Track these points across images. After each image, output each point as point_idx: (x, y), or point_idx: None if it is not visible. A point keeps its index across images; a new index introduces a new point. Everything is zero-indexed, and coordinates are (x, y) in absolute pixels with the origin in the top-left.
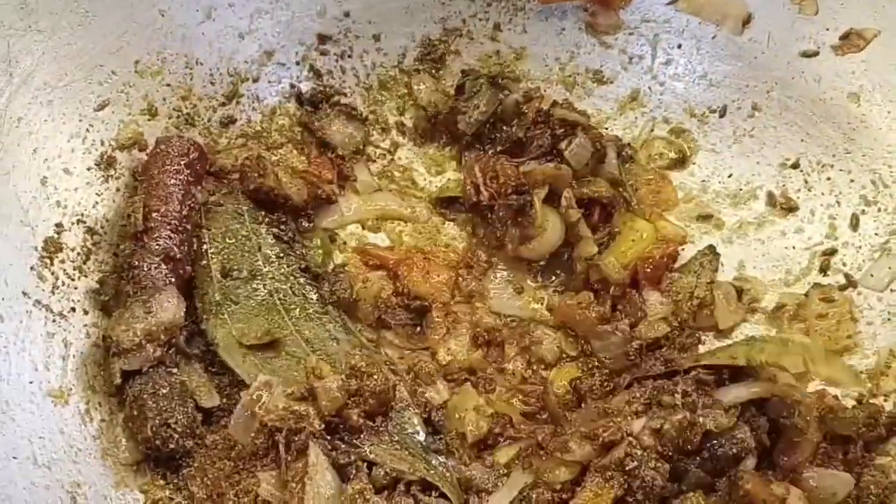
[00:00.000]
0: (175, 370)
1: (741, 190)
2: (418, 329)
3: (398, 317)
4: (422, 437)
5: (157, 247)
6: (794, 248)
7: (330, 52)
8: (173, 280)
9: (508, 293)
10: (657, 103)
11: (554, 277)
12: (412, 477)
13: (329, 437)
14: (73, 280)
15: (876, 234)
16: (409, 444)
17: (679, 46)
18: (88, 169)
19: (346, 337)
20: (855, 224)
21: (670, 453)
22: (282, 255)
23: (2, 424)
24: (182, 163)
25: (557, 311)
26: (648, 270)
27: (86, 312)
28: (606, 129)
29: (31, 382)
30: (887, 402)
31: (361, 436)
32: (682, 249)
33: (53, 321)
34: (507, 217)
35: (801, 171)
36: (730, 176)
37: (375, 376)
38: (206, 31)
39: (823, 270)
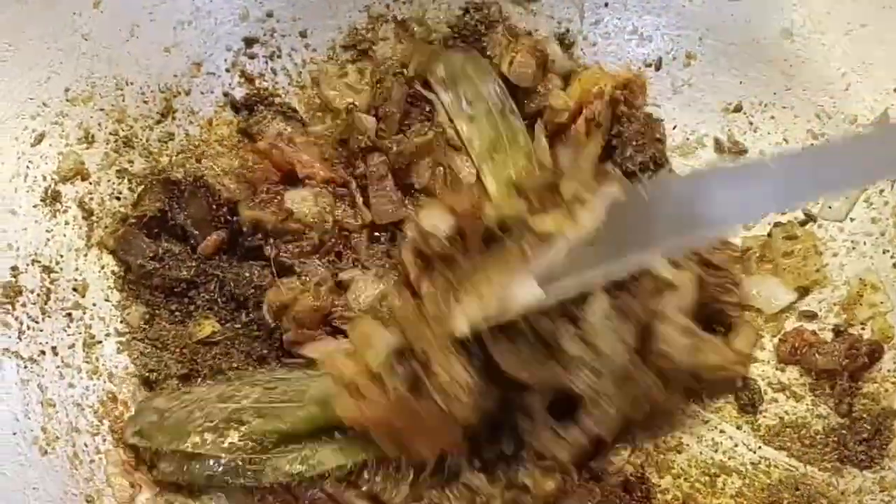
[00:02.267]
0: None
1: (688, 140)
2: None
3: None
4: None
5: None
6: None
7: (258, 54)
8: None
9: None
10: (591, 64)
11: None
12: None
13: None
14: (37, 323)
15: None
16: None
17: (606, 5)
18: (34, 206)
19: None
20: None
21: None
22: None
23: None
24: None
25: None
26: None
27: (55, 353)
28: None
29: (14, 434)
30: (865, 329)
31: None
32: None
33: (25, 367)
34: None
35: (745, 113)
36: (674, 128)
37: None
38: (132, 50)
39: None
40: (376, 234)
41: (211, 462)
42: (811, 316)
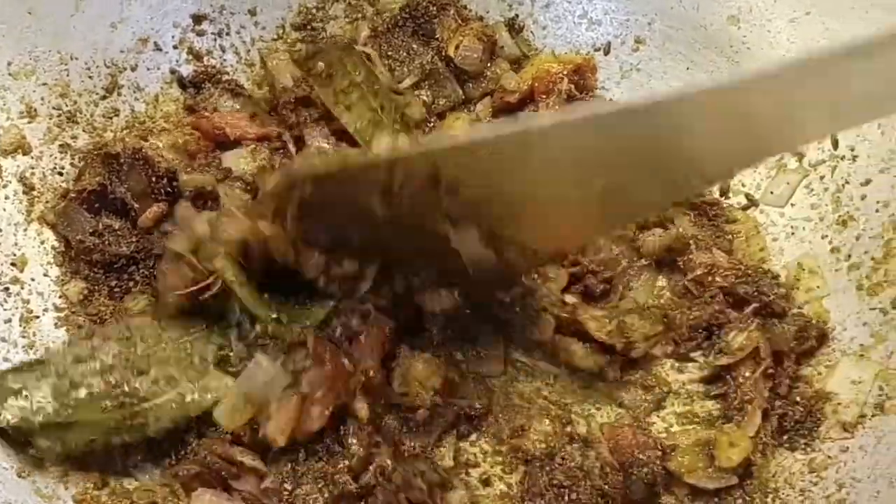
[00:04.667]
0: None
1: None
2: None
3: None
4: None
5: None
6: None
7: (207, 31)
8: None
9: None
10: (541, 47)
11: None
12: None
13: None
14: None
15: None
16: None
17: None
18: None
19: None
20: None
21: None
22: None
23: None
24: None
25: None
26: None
27: None
28: None
29: None
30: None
31: None
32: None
33: None
34: None
35: None
36: None
37: None
38: (78, 25)
39: (724, 193)
40: None
41: (86, 428)
42: None
